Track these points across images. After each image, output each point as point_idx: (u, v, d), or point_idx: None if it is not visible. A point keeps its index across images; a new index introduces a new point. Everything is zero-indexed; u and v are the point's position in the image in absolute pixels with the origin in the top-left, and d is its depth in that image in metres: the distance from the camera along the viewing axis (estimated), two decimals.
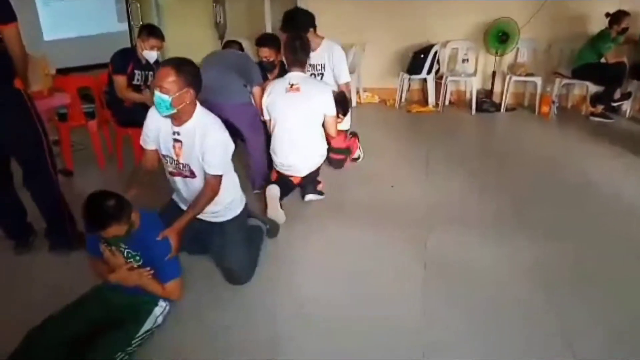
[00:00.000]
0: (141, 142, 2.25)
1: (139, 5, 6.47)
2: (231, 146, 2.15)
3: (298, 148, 2.92)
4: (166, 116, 2.02)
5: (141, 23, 6.41)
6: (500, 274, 2.31)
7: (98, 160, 3.63)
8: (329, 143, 3.23)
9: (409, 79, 5.42)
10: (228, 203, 2.29)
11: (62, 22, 5.71)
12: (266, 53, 3.37)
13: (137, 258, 1.87)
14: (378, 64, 5.72)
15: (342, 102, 3.16)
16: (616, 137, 4.24)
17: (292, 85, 2.87)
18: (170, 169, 2.21)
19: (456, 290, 2.18)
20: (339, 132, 3.36)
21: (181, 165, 2.15)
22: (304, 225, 2.81)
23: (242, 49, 3.38)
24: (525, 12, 5.09)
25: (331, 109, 2.92)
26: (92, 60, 5.19)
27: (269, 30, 6.02)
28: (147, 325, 1.81)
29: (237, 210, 2.35)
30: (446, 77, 5.26)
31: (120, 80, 3.27)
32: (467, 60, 5.37)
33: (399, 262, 2.40)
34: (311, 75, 3.42)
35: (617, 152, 3.92)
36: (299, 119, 2.88)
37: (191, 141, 2.06)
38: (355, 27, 5.58)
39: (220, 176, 2.13)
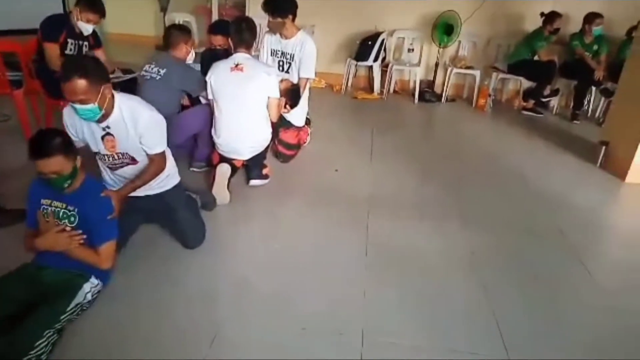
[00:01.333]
0: None
1: None
2: (163, 121, 2.15)
3: (241, 131, 2.85)
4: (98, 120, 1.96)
5: None
6: (437, 259, 2.42)
7: (24, 133, 3.37)
8: (279, 136, 3.22)
9: (356, 65, 5.48)
10: (167, 174, 2.33)
11: None
12: (220, 41, 3.28)
13: (72, 219, 1.83)
14: (326, 49, 5.70)
15: (293, 94, 3.12)
16: (545, 131, 4.56)
17: (236, 65, 2.80)
18: (108, 164, 2.17)
19: (395, 275, 2.26)
20: (293, 128, 3.35)
21: (119, 156, 2.12)
22: (246, 206, 2.80)
23: (188, 32, 3.14)
24: (468, 7, 5.28)
25: (274, 91, 2.86)
26: (18, 25, 4.77)
27: (215, 5, 5.83)
28: (77, 300, 1.75)
29: (176, 179, 2.42)
30: (392, 66, 5.37)
31: (52, 48, 3.04)
32: (413, 50, 5.50)
33: (341, 246, 2.46)
34: (279, 62, 3.38)
35: (545, 144, 4.22)
36: (242, 100, 2.81)
37: (123, 129, 2.03)
38: (305, 10, 5.45)
39: (164, 152, 2.18)
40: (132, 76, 3.42)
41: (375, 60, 5.31)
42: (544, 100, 5.24)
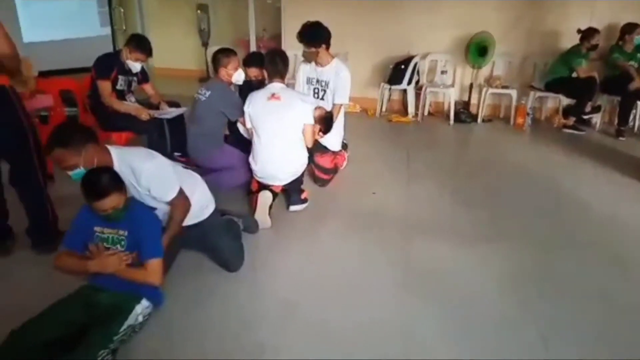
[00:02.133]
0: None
1: (122, 10, 6.45)
2: (164, 164, 2.13)
3: (278, 157, 2.93)
4: None
5: (124, 28, 6.40)
6: (478, 281, 2.38)
7: None
8: (316, 160, 3.31)
9: (390, 89, 5.54)
10: (202, 205, 2.39)
11: (42, 24, 5.66)
12: (255, 72, 3.45)
13: (123, 243, 1.93)
14: (360, 74, 5.82)
15: (326, 120, 3.22)
16: (587, 149, 4.43)
17: (273, 95, 2.92)
18: None
19: (434, 297, 2.24)
20: (329, 153, 3.43)
21: None
22: (287, 230, 2.86)
23: (229, 55, 3.32)
24: (501, 26, 5.28)
25: (309, 118, 2.95)
26: (73, 64, 5.16)
27: (252, 37, 6.09)
28: (129, 321, 1.83)
29: (211, 208, 2.47)
30: (425, 88, 5.40)
31: (104, 85, 3.27)
32: (446, 72, 5.53)
33: (379, 268, 2.46)
34: (314, 89, 3.49)
35: (587, 162, 4.09)
36: (279, 128, 2.90)
37: (132, 185, 2.05)
38: (338, 37, 5.61)
39: (180, 193, 2.16)
40: (179, 112, 3.60)
41: (409, 83, 5.36)
42: (585, 117, 5.10)
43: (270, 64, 3.01)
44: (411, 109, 5.51)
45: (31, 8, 5.57)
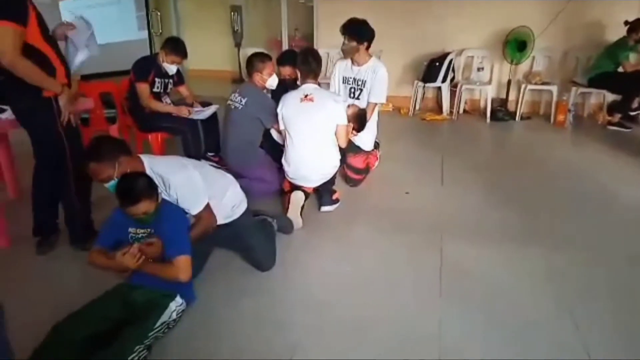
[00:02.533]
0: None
1: (159, 14, 6.62)
2: (193, 177, 2.13)
3: (310, 159, 2.91)
4: None
5: (161, 31, 6.56)
6: (515, 283, 2.30)
7: None
8: (347, 160, 3.27)
9: (424, 87, 5.45)
10: (234, 204, 2.41)
11: None
12: (288, 71, 3.45)
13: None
14: (392, 72, 5.69)
15: (359, 118, 3.18)
16: (634, 147, 4.20)
17: (306, 96, 2.91)
18: None
19: (471, 299, 2.18)
20: (361, 153, 3.39)
21: None
22: (319, 230, 2.84)
23: (263, 60, 3.23)
24: (541, 20, 5.09)
25: (342, 118, 2.93)
26: (112, 67, 5.33)
27: (284, 37, 6.12)
28: (163, 318, 1.86)
29: (243, 207, 2.46)
30: (461, 86, 5.28)
31: (143, 87, 3.35)
32: (483, 68, 5.38)
33: (414, 270, 2.41)
34: (350, 88, 3.46)
35: (634, 162, 3.88)
36: (311, 129, 2.89)
37: (160, 190, 2.09)
38: None
39: (207, 208, 2.17)
40: (211, 110, 3.66)
41: (444, 80, 5.25)
42: (632, 113, 4.85)
43: (303, 63, 2.99)
44: (446, 107, 5.40)
45: (75, 14, 5.81)
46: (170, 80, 3.50)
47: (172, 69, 3.43)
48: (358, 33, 3.25)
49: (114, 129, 3.72)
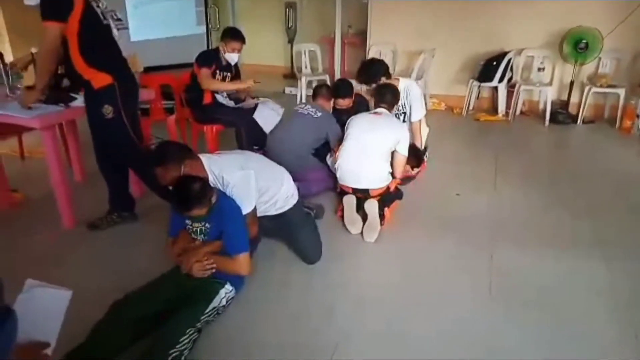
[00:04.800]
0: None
1: (217, 9, 6.80)
2: (249, 179, 2.21)
3: (363, 158, 2.85)
4: None
5: (218, 26, 6.74)
6: (568, 291, 2.20)
7: None
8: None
9: (479, 86, 5.28)
10: (287, 195, 2.47)
11: (147, 24, 6.13)
12: (346, 103, 3.52)
13: (209, 235, 2.07)
14: (446, 71, 5.63)
15: (415, 154, 3.15)
16: None
17: (375, 112, 3.04)
18: None
19: (521, 305, 2.11)
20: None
21: None
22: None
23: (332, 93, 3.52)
24: (610, 20, 4.79)
25: (404, 147, 2.91)
26: (171, 61, 5.53)
27: (338, 34, 6.11)
28: (214, 303, 1.93)
29: (295, 198, 2.52)
30: (519, 86, 5.07)
31: (205, 72, 3.43)
32: (543, 69, 5.14)
33: (463, 273, 2.36)
34: (395, 115, 3.41)
35: None
36: (372, 138, 2.87)
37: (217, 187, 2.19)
38: (425, 33, 5.53)
39: (253, 211, 2.24)
40: (261, 102, 3.73)
41: (501, 80, 5.07)
42: None
43: (379, 95, 3.12)
44: (502, 107, 5.20)
45: (139, 9, 6.05)
46: (229, 74, 3.59)
47: (233, 57, 3.52)
48: (372, 76, 3.35)
49: (171, 120, 3.87)
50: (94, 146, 2.68)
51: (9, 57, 2.96)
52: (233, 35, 3.50)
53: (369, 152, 2.84)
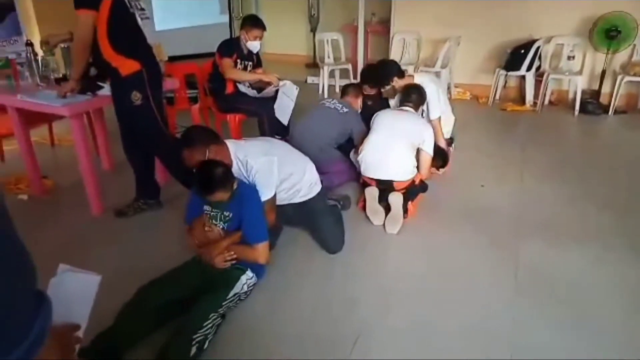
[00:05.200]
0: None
1: None
2: (272, 165, 2.23)
3: (389, 151, 2.81)
4: None
5: (241, 15, 6.75)
6: (598, 290, 2.14)
7: None
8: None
9: (506, 75, 5.15)
10: (310, 183, 2.49)
11: (171, 13, 6.19)
12: (371, 90, 3.57)
13: (229, 223, 2.09)
14: (472, 59, 5.51)
15: (440, 155, 3.11)
16: None
17: (401, 109, 3.06)
18: None
19: (547, 300, 2.07)
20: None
21: None
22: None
23: (360, 90, 3.54)
24: None
25: (429, 145, 2.87)
26: (195, 50, 5.58)
27: (361, 22, 6.03)
28: (235, 289, 1.96)
29: (318, 187, 2.54)
30: (548, 75, 4.93)
31: (227, 61, 3.46)
32: (573, 57, 4.97)
33: (488, 267, 2.32)
34: None
35: None
36: (398, 129, 2.85)
37: (244, 178, 2.21)
38: (450, 20, 5.42)
39: (271, 200, 2.24)
40: (281, 88, 3.73)
41: (529, 69, 4.93)
42: None
43: (404, 94, 3.13)
44: (529, 97, 5.07)
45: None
46: (250, 63, 3.60)
47: (255, 45, 3.52)
48: (382, 78, 3.36)
49: (195, 109, 3.91)
50: (121, 134, 2.73)
51: (38, 47, 3.01)
52: (253, 22, 3.50)
53: (393, 143, 2.81)
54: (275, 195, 2.28)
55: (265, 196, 2.20)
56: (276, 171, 2.25)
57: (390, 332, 1.90)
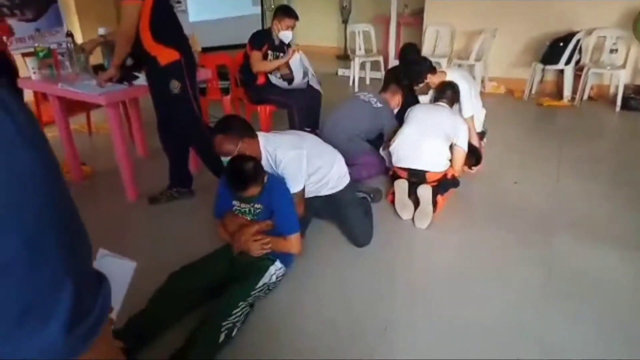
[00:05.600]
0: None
1: None
2: (301, 158, 2.23)
3: (423, 140, 2.77)
4: None
5: (272, 6, 6.77)
6: (631, 289, 2.07)
7: None
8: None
9: (543, 69, 4.98)
10: (339, 176, 2.48)
11: (204, 6, 6.26)
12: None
13: (260, 215, 2.11)
14: (508, 52, 5.35)
15: (474, 153, 3.04)
16: None
17: (437, 104, 3.06)
18: None
19: (580, 301, 2.01)
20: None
21: None
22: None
23: (401, 88, 3.47)
24: None
25: (464, 142, 2.83)
26: (229, 41, 5.64)
27: (393, 14, 5.94)
28: (265, 279, 1.98)
29: (347, 179, 2.54)
30: (588, 69, 4.74)
31: (256, 54, 3.49)
32: (616, 50, 4.77)
33: (520, 265, 2.27)
34: None
35: None
36: (432, 121, 2.83)
37: (273, 172, 2.21)
38: (486, 11, 5.28)
39: (301, 192, 2.27)
40: (307, 79, 3.73)
41: (568, 63, 4.75)
42: None
43: (439, 91, 3.11)
44: (567, 92, 4.89)
45: None
46: (281, 54, 3.61)
47: (287, 35, 3.53)
48: (415, 75, 3.28)
49: (226, 100, 3.95)
50: (158, 123, 2.78)
51: (78, 38, 3.11)
52: (285, 12, 3.51)
53: (428, 134, 2.78)
54: (304, 188, 2.29)
55: (294, 189, 2.21)
56: (305, 165, 2.25)
57: (417, 327, 1.88)
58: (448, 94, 3.08)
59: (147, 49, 2.48)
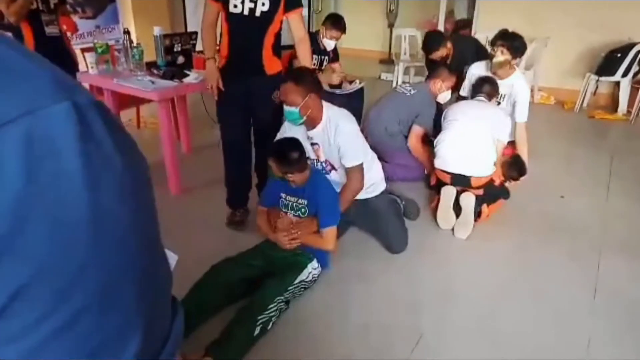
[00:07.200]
0: None
1: None
2: (360, 132, 2.26)
3: (469, 144, 2.69)
4: (300, 124, 2.20)
5: (320, 9, 6.82)
6: None
7: None
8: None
9: (597, 80, 4.78)
10: (375, 181, 2.45)
11: None
12: (441, 54, 3.51)
13: (303, 211, 2.14)
14: (559, 62, 5.17)
15: (517, 164, 2.89)
16: None
17: (479, 100, 2.98)
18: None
19: (626, 322, 1.91)
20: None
21: (322, 164, 2.34)
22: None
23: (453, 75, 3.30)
24: None
25: (505, 136, 2.80)
26: None
27: (441, 18, 5.87)
28: (301, 277, 2.00)
29: (382, 186, 2.52)
30: None
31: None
32: None
33: (565, 283, 2.19)
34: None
35: None
36: (477, 120, 2.76)
37: (326, 140, 2.22)
38: (538, 19, 5.12)
39: (361, 166, 2.23)
40: (356, 87, 3.73)
41: (625, 75, 4.54)
42: None
43: (476, 85, 3.05)
44: (622, 105, 4.68)
45: None
46: (326, 57, 3.63)
47: (330, 44, 3.56)
48: (515, 47, 3.10)
49: None
50: (254, 131, 2.60)
51: (133, 36, 3.24)
52: (334, 23, 3.53)
53: (474, 135, 2.72)
54: (362, 165, 2.23)
55: (354, 162, 2.20)
56: (364, 140, 2.28)
57: (452, 338, 1.85)
58: (486, 87, 3.00)
59: (262, 57, 2.36)
